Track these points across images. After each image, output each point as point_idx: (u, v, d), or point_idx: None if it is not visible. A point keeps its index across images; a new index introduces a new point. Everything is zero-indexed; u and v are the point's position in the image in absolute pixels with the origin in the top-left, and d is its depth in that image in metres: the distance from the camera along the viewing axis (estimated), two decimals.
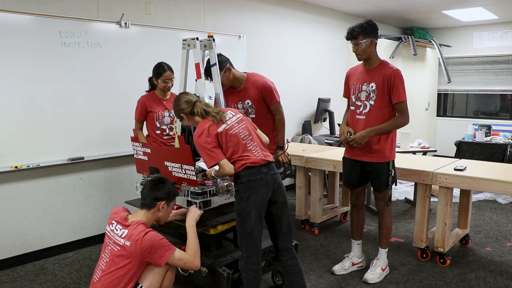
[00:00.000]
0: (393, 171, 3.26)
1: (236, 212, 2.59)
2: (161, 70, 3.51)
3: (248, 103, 3.41)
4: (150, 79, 3.68)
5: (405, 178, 3.71)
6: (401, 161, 3.82)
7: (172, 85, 3.59)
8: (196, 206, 2.70)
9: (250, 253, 2.58)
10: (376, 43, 3.18)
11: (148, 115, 3.63)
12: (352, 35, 3.13)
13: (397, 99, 3.11)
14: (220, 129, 2.57)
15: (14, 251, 3.63)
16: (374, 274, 3.33)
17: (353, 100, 3.29)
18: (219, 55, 3.20)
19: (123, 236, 2.35)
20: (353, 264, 3.50)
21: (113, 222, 2.45)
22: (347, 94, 3.41)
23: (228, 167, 2.53)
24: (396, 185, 3.40)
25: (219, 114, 2.62)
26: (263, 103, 3.42)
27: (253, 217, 2.55)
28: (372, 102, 3.17)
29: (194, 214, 2.64)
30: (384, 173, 3.22)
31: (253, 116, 3.43)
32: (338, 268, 3.48)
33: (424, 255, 3.68)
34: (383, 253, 3.42)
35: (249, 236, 2.57)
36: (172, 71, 3.52)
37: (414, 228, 3.72)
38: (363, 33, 3.09)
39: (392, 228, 3.53)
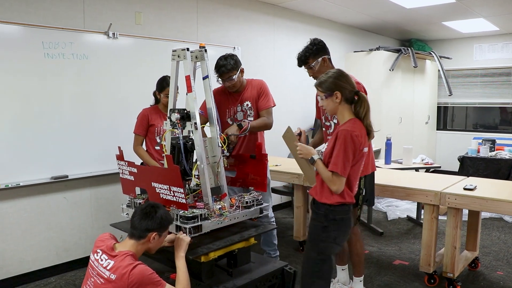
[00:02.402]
0: (364, 190, 2.93)
1: (317, 251, 2.31)
2: (164, 84, 3.37)
3: (247, 104, 3.33)
4: (154, 93, 3.57)
5: (410, 198, 3.48)
6: (404, 179, 3.62)
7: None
8: (184, 232, 2.45)
9: None
10: (329, 58, 3.05)
11: (149, 129, 3.49)
12: (302, 62, 3.05)
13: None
14: (365, 149, 2.30)
15: None
16: None
17: (323, 120, 3.14)
18: (234, 55, 3.22)
19: (108, 267, 2.11)
20: None
21: (98, 251, 2.21)
22: (318, 115, 3.26)
23: (340, 187, 2.21)
24: (371, 205, 3.16)
25: (372, 128, 2.33)
26: None
27: (334, 258, 2.34)
28: (335, 121, 2.98)
29: (181, 245, 2.37)
30: None
31: (252, 119, 3.31)
32: None
33: (432, 281, 3.43)
34: (357, 282, 3.08)
35: (327, 277, 2.30)
36: None
37: (418, 250, 3.49)
38: (311, 55, 3.00)
39: (363, 255, 3.08)
